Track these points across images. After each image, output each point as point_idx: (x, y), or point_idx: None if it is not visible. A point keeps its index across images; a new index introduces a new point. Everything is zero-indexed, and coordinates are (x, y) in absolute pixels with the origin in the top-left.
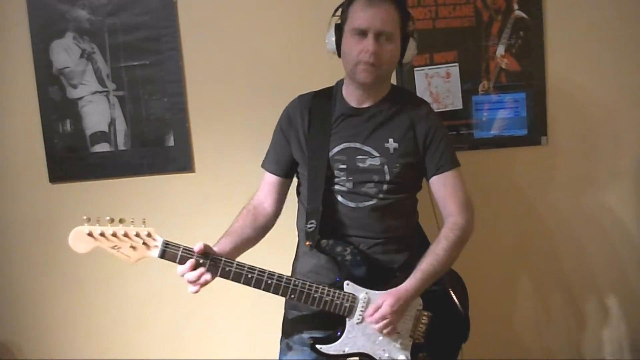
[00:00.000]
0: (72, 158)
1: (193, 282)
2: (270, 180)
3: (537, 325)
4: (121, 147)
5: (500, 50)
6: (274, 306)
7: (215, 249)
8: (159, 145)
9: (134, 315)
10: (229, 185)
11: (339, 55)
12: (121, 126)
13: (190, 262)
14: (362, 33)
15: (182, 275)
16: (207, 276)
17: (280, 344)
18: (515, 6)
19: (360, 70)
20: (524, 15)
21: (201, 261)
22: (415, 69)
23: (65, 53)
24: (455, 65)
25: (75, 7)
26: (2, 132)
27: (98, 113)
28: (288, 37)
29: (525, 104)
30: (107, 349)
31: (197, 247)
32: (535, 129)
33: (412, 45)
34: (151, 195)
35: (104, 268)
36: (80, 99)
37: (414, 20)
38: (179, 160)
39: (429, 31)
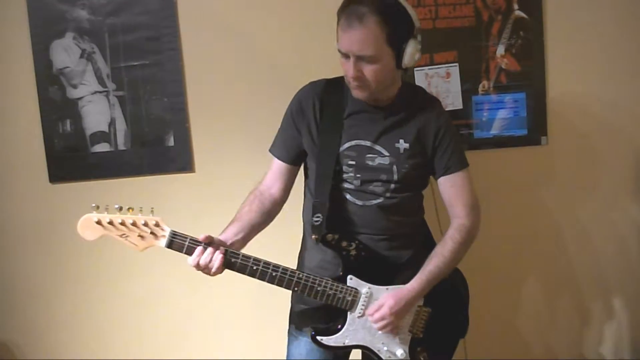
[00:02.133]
0: (72, 158)
1: (206, 267)
2: (277, 166)
3: (539, 325)
4: (121, 147)
5: (500, 50)
6: (275, 305)
7: (222, 236)
8: (159, 145)
9: (134, 315)
10: (229, 185)
11: None
12: (121, 126)
13: (198, 249)
14: (345, 55)
15: (194, 265)
16: (219, 255)
17: (288, 335)
18: (515, 6)
19: (351, 87)
20: (524, 15)
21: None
22: (415, 69)
23: (65, 53)
24: (455, 65)
25: (75, 7)
26: (2, 132)
27: (98, 113)
28: (289, 37)
29: (525, 104)
30: (107, 349)
31: (201, 237)
32: (535, 129)
33: (411, 49)
34: (151, 195)
35: (104, 268)
36: (80, 99)
37: (413, 21)
38: (179, 160)
39: (429, 31)
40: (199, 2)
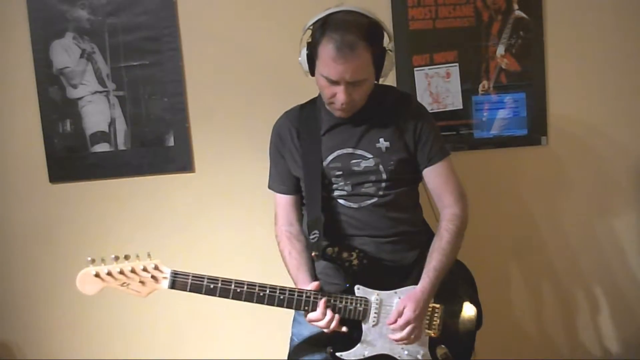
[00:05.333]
0: (72, 158)
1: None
2: (283, 201)
3: (541, 324)
4: (121, 147)
5: (500, 50)
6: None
7: (311, 286)
8: (159, 145)
9: (134, 315)
10: (229, 185)
11: (312, 74)
12: (121, 126)
13: (320, 308)
14: (333, 82)
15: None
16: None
17: (293, 350)
18: (515, 6)
19: (334, 109)
20: (524, 15)
21: (212, 286)
22: (415, 69)
23: (65, 53)
24: (455, 65)
25: (75, 7)
26: (2, 132)
27: (98, 113)
28: (288, 37)
29: (525, 104)
30: (107, 349)
31: (311, 286)
32: (535, 129)
33: (388, 62)
34: (151, 195)
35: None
36: (80, 99)
37: (390, 34)
38: (179, 160)
39: (429, 31)
40: (199, 2)
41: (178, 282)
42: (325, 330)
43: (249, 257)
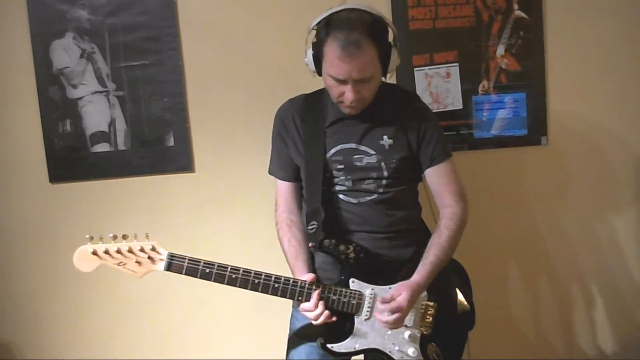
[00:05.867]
0: (72, 158)
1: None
2: (284, 187)
3: (542, 325)
4: (121, 147)
5: (500, 50)
6: (275, 305)
7: (307, 276)
8: (159, 145)
9: (134, 315)
10: (229, 185)
11: (319, 74)
12: (121, 126)
13: (313, 299)
14: (341, 81)
15: (314, 318)
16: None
17: (288, 342)
18: (515, 6)
19: (343, 107)
20: (524, 15)
21: (207, 271)
22: (415, 68)
23: (65, 53)
24: (455, 65)
25: (75, 7)
26: (2, 132)
27: (98, 113)
28: (288, 37)
29: (525, 104)
30: (107, 349)
31: (306, 277)
32: (535, 129)
33: (394, 57)
34: (151, 195)
35: (104, 268)
36: (80, 99)
37: (393, 29)
38: (179, 160)
39: (429, 31)
40: (199, 2)
41: (174, 264)
42: (314, 322)
43: (249, 257)
